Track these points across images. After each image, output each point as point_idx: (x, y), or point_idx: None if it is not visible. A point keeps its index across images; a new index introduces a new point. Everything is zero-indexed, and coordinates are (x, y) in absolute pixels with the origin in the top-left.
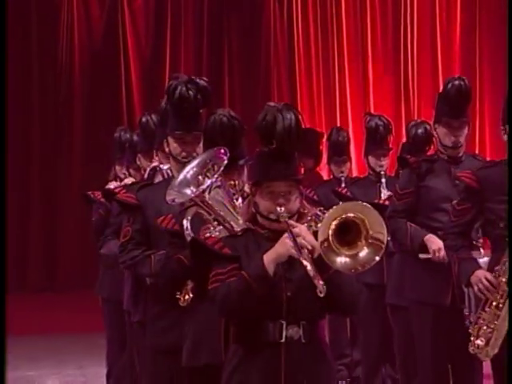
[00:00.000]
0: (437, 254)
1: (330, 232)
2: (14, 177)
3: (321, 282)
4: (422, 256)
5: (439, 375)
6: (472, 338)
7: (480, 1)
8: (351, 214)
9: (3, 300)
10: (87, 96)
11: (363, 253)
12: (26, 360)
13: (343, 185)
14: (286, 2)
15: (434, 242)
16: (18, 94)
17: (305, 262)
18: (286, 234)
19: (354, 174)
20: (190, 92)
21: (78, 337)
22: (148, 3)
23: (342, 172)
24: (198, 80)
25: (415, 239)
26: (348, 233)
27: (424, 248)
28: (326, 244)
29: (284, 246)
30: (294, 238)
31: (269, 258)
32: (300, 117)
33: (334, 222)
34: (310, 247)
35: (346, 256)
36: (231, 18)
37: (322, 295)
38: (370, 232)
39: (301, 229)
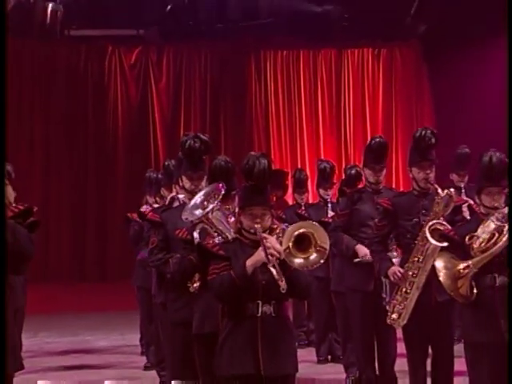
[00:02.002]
0: (365, 258)
1: (291, 242)
2: (74, 200)
3: (283, 282)
4: (355, 260)
5: (366, 339)
6: (389, 314)
7: (395, 89)
8: (305, 230)
9: (3, 300)
10: (127, 147)
11: (313, 257)
12: (84, 329)
13: (303, 208)
14: (263, 83)
15: (362, 250)
16: (78, 144)
17: (272, 269)
18: (261, 246)
19: (310, 200)
20: (196, 144)
21: (121, 313)
22: (169, 84)
23: (302, 199)
24: (201, 136)
25: (349, 247)
26: (303, 242)
27: (355, 254)
28: (287, 250)
29: (259, 255)
30: (265, 248)
31: (249, 263)
32: (271, 162)
33: (294, 235)
34: (277, 254)
35: (301, 258)
36: (226, 94)
37: (283, 291)
38: (318, 242)
39: (271, 240)
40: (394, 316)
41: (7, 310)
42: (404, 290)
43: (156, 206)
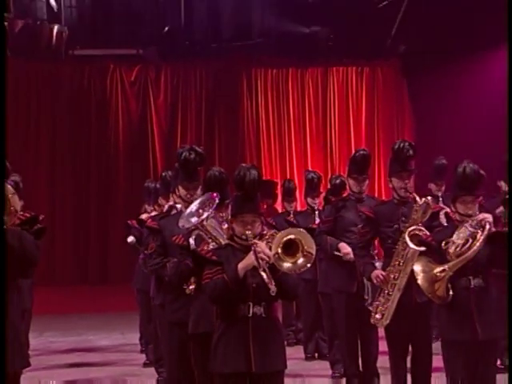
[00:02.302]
0: (347, 256)
1: (280, 248)
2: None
3: (273, 285)
4: (336, 253)
5: (350, 338)
6: (372, 314)
7: (377, 105)
8: (293, 236)
9: (3, 300)
10: (128, 158)
11: (300, 261)
12: (87, 329)
13: (291, 215)
14: (254, 100)
15: (345, 247)
16: (82, 156)
17: (262, 273)
18: (252, 251)
19: (298, 208)
20: (191, 156)
21: (121, 314)
22: (166, 100)
23: (291, 207)
24: (196, 148)
25: (333, 246)
26: (291, 248)
27: (338, 250)
28: (276, 255)
29: (250, 259)
30: (255, 253)
31: (240, 267)
32: (261, 173)
33: (283, 241)
34: (267, 258)
35: (290, 263)
36: (220, 109)
37: (273, 294)
38: (305, 248)
39: (261, 246)
40: (378, 316)
41: (10, 311)
42: (386, 291)
43: (154, 213)
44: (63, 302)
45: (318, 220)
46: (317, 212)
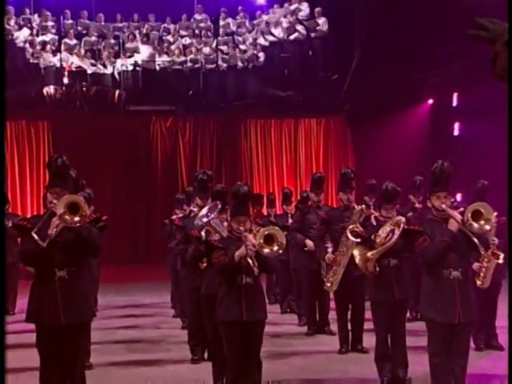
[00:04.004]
0: (310, 248)
1: (262, 239)
2: (131, 216)
3: (255, 268)
4: (305, 249)
5: (311, 299)
6: (325, 283)
7: (331, 145)
8: (271, 231)
9: (3, 300)
10: (164, 180)
11: (275, 248)
12: (136, 292)
13: (272, 217)
14: (248, 141)
15: (309, 243)
16: (133, 180)
17: (248, 259)
18: (244, 244)
19: (278, 212)
20: (204, 177)
21: (158, 283)
22: (190, 141)
23: (272, 211)
24: (207, 172)
25: (301, 241)
26: (269, 239)
27: (305, 245)
28: (260, 244)
29: (243, 250)
30: (246, 244)
31: (236, 254)
32: (250, 188)
33: (264, 234)
34: (253, 248)
35: (268, 249)
36: (225, 146)
37: (256, 274)
38: (279, 239)
39: (249, 237)
40: (328, 284)
41: (84, 280)
42: (335, 268)
43: (180, 215)
44: (119, 274)
45: (290, 220)
46: (290, 215)
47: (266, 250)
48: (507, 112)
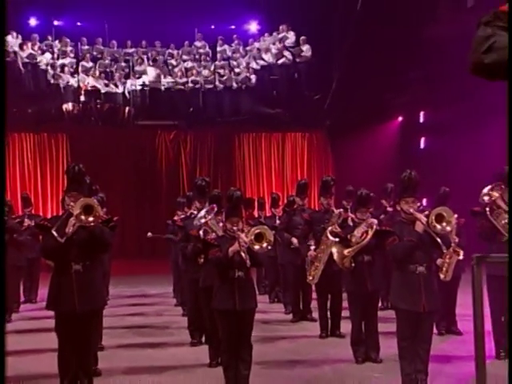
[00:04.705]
0: (296, 245)
1: (252, 237)
2: (137, 215)
3: (248, 261)
4: (292, 246)
5: (296, 290)
6: (308, 276)
7: (314, 156)
8: (261, 230)
9: (3, 301)
10: (168, 185)
11: (264, 245)
12: (142, 283)
13: (262, 218)
14: (242, 152)
15: (295, 241)
16: (140, 185)
17: (242, 253)
18: (237, 241)
19: (267, 214)
20: (202, 183)
21: (162, 275)
22: (191, 152)
23: (262, 214)
24: (205, 178)
25: (288, 239)
26: (259, 237)
27: (291, 242)
28: (251, 242)
29: (236, 246)
30: (239, 241)
31: (230, 250)
32: (242, 193)
33: (254, 233)
34: (245, 244)
35: (258, 246)
36: (221, 156)
37: (248, 266)
38: (268, 237)
39: (242, 236)
40: (310, 278)
41: (96, 273)
42: (316, 263)
43: (182, 216)
44: (128, 267)
45: (278, 222)
46: (277, 217)
47: (257, 247)
48: (507, 112)
